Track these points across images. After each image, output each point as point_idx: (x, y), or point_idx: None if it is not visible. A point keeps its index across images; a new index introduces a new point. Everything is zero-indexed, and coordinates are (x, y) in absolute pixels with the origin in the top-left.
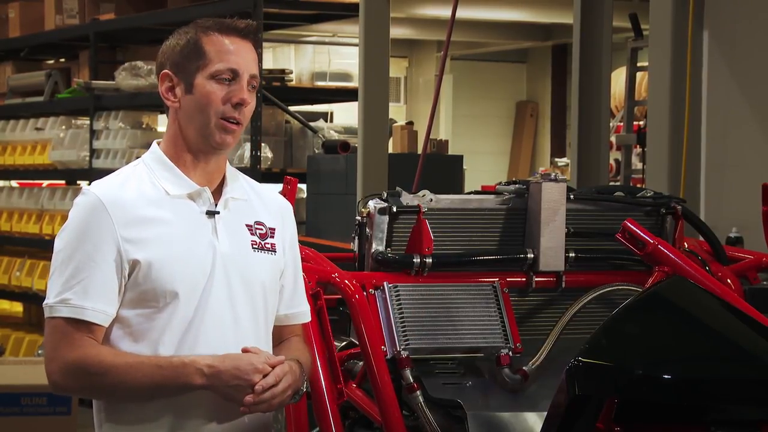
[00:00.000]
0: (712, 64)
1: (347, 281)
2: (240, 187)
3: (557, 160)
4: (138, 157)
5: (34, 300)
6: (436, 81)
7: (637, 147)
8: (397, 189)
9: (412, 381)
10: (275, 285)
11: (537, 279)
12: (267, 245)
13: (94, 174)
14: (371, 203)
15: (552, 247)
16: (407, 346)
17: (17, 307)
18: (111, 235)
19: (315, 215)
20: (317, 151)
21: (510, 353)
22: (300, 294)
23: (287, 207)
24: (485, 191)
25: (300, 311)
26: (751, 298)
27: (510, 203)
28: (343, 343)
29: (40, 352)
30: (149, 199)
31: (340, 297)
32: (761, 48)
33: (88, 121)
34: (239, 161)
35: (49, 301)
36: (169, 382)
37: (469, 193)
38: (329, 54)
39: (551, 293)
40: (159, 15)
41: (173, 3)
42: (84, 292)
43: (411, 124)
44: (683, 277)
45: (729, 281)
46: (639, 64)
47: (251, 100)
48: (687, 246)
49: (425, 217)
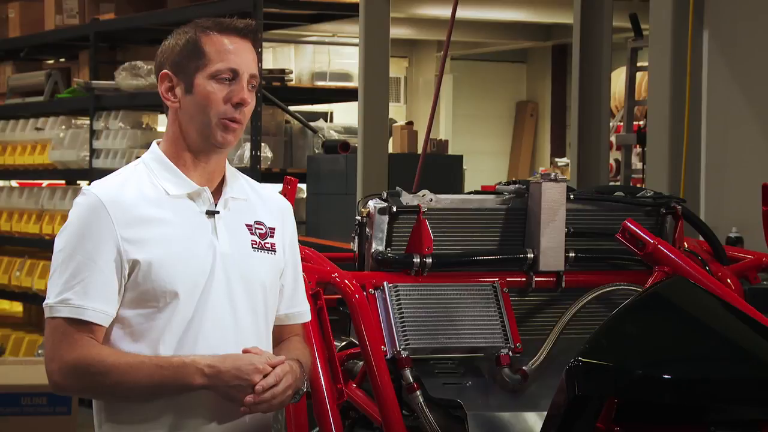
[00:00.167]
0: (712, 64)
1: (347, 281)
2: (240, 187)
3: (557, 160)
4: (138, 157)
5: (34, 300)
6: (436, 81)
7: (637, 147)
8: (397, 189)
9: (412, 381)
10: (275, 285)
11: (537, 279)
12: (267, 245)
13: (94, 174)
14: (371, 203)
15: (552, 247)
16: (407, 346)
17: (17, 307)
18: (111, 235)
19: (315, 215)
20: (317, 151)
21: (510, 353)
22: (300, 294)
23: (287, 207)
24: (485, 191)
25: (300, 311)
26: (751, 298)
27: (510, 203)
28: (343, 343)
29: (40, 352)
30: (149, 199)
31: (340, 297)
32: (761, 48)
33: (88, 121)
34: (239, 161)
35: (50, 301)
36: (170, 382)
37: (469, 193)
38: (329, 54)
39: (551, 293)
40: (159, 15)
41: (173, 3)
42: (84, 292)
43: (411, 124)
44: (683, 277)
45: (729, 281)
46: (639, 64)
47: (251, 99)
48: (687, 246)
49: (425, 217)
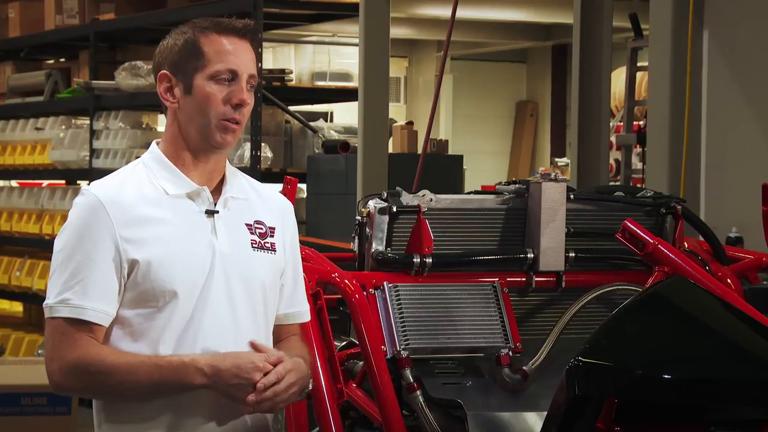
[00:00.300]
0: (712, 64)
1: (347, 281)
2: (240, 187)
3: (557, 160)
4: (138, 157)
5: (34, 300)
6: (436, 81)
7: (637, 147)
8: (397, 189)
9: (412, 381)
10: (275, 284)
11: (537, 279)
12: (267, 244)
13: (94, 174)
14: (371, 203)
15: (552, 247)
16: (407, 346)
17: (17, 307)
18: (110, 235)
19: (315, 215)
20: (317, 151)
21: (510, 353)
22: (300, 294)
23: (288, 206)
24: (485, 191)
25: (299, 311)
26: (751, 298)
27: (510, 203)
28: (343, 343)
29: (40, 352)
30: (148, 199)
31: (340, 297)
32: (761, 48)
33: (88, 121)
34: (239, 161)
35: (50, 301)
36: (169, 381)
37: (469, 193)
38: (329, 54)
39: (551, 293)
40: (159, 15)
41: (173, 3)
42: (84, 292)
43: (411, 124)
44: (683, 277)
45: (729, 281)
46: (639, 64)
47: (250, 99)
48: (687, 246)
49: (425, 217)
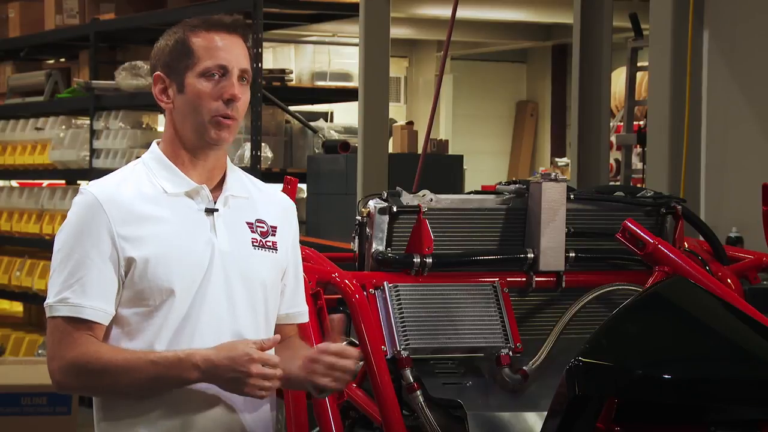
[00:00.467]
0: (712, 64)
1: (347, 281)
2: (241, 185)
3: (557, 160)
4: (138, 157)
5: (34, 300)
6: (436, 81)
7: (637, 147)
8: (397, 189)
9: (412, 381)
10: (276, 283)
11: (537, 279)
12: (268, 243)
13: (94, 174)
14: (371, 203)
15: (552, 247)
16: (407, 346)
17: (17, 307)
18: (108, 233)
19: (315, 215)
20: (317, 151)
21: (510, 353)
22: (300, 294)
23: (291, 206)
24: (485, 191)
25: (300, 311)
26: (751, 298)
27: (510, 203)
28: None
29: (40, 352)
30: (146, 198)
31: (340, 297)
32: (761, 48)
33: (88, 121)
34: (239, 161)
35: (49, 301)
36: (165, 377)
37: (469, 193)
38: (329, 54)
39: (551, 293)
40: (159, 15)
41: (173, 3)
42: (83, 290)
43: (411, 124)
44: (683, 277)
45: (729, 281)
46: (639, 64)
47: (243, 94)
48: (687, 246)
49: (425, 217)
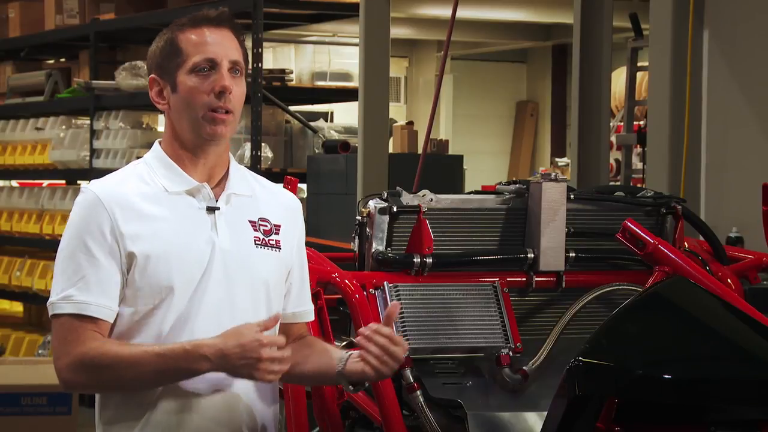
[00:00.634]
0: (712, 64)
1: (347, 281)
2: (244, 183)
3: (557, 160)
4: (139, 157)
5: (34, 300)
6: (436, 81)
7: (637, 147)
8: (398, 189)
9: (412, 381)
10: (280, 283)
11: (537, 279)
12: (271, 242)
13: (94, 174)
14: (371, 203)
15: (552, 247)
16: (407, 345)
17: (17, 307)
18: (110, 230)
19: (315, 215)
20: (317, 151)
21: (510, 353)
22: (306, 292)
23: (297, 205)
24: (485, 191)
25: (306, 309)
26: (752, 298)
27: (510, 203)
28: (344, 343)
29: (40, 351)
30: (147, 196)
31: (340, 297)
32: (761, 48)
33: (88, 121)
34: (239, 161)
35: (53, 299)
36: (173, 369)
37: (469, 193)
38: (329, 54)
39: (551, 293)
40: (159, 15)
41: (173, 3)
42: (87, 288)
43: (411, 124)
44: (683, 277)
45: (729, 281)
46: (639, 64)
47: (236, 85)
48: (687, 246)
49: (425, 217)
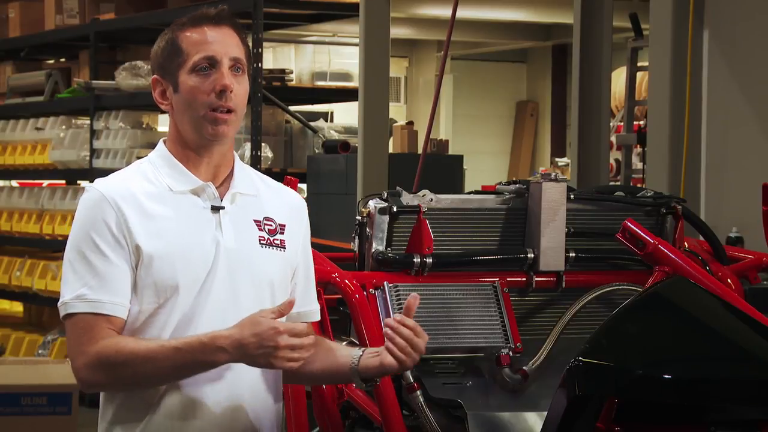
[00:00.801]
0: (712, 64)
1: (347, 281)
2: (249, 182)
3: (557, 160)
4: (139, 157)
5: (34, 300)
6: (436, 81)
7: (637, 147)
8: (398, 189)
9: (412, 381)
10: (285, 282)
11: (537, 279)
12: (276, 241)
13: (94, 174)
14: (371, 203)
15: (552, 247)
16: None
17: (17, 307)
18: (117, 227)
19: (315, 215)
20: (317, 151)
21: (510, 353)
22: (312, 292)
23: (302, 205)
24: (485, 191)
25: (312, 309)
26: (752, 298)
27: (510, 203)
28: (344, 343)
29: (40, 351)
30: (152, 195)
31: (340, 297)
32: (761, 48)
33: (88, 121)
34: None
35: (66, 299)
36: (191, 362)
37: (469, 193)
38: (329, 54)
39: (551, 293)
40: (159, 15)
41: (173, 3)
42: (99, 286)
43: (411, 124)
44: (683, 277)
45: (729, 281)
46: (639, 64)
47: (238, 83)
48: (687, 246)
49: (425, 217)
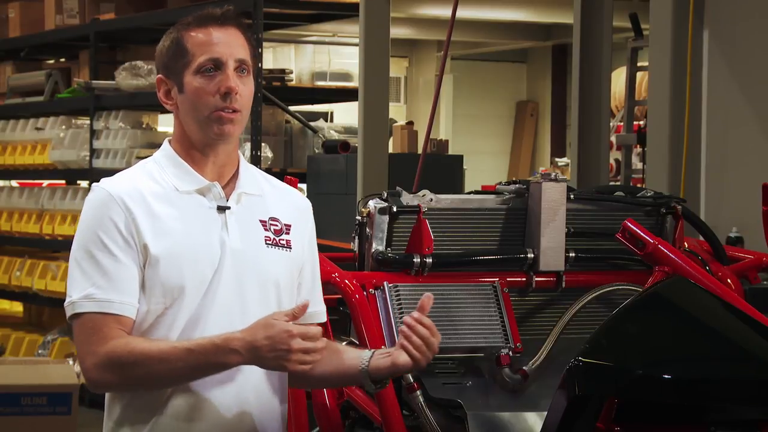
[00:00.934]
0: (712, 64)
1: (347, 281)
2: (254, 182)
3: (557, 160)
4: (139, 157)
5: (34, 300)
6: (436, 81)
7: (637, 147)
8: (397, 189)
9: (412, 381)
10: (291, 283)
11: (537, 279)
12: (282, 241)
13: (94, 174)
14: (371, 203)
15: (552, 247)
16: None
17: (17, 307)
18: (125, 225)
19: (315, 215)
20: (317, 151)
21: (510, 353)
22: (317, 293)
23: (307, 205)
24: (485, 191)
25: (317, 310)
26: (751, 298)
27: (510, 203)
28: (344, 343)
29: (40, 351)
30: (158, 195)
31: (340, 297)
32: (761, 48)
33: (88, 121)
34: None
35: (73, 298)
36: (204, 364)
37: (469, 193)
38: (329, 54)
39: (551, 293)
40: (159, 15)
41: (173, 3)
42: (107, 285)
43: (411, 124)
44: (683, 277)
45: (729, 281)
46: (639, 64)
47: (243, 84)
48: (687, 246)
49: (425, 217)
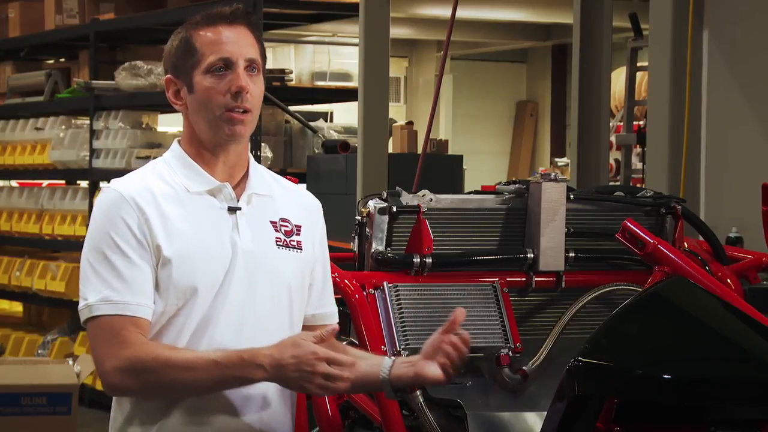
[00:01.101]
0: (712, 63)
1: (347, 281)
2: (264, 183)
3: (557, 160)
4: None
5: (34, 300)
6: (436, 81)
7: (637, 147)
8: (397, 189)
9: None
10: (302, 284)
11: (537, 279)
12: (292, 242)
13: (94, 174)
14: (371, 203)
15: (552, 247)
16: (407, 346)
17: (17, 307)
18: (137, 226)
19: None
20: (317, 151)
21: (510, 353)
22: (328, 294)
23: (317, 205)
24: (485, 191)
25: (328, 312)
26: (751, 298)
27: (510, 203)
28: (343, 343)
29: (40, 351)
30: (169, 197)
31: (340, 297)
32: (761, 48)
33: (88, 121)
34: None
35: (90, 301)
36: (230, 378)
37: (469, 193)
38: (329, 54)
39: (551, 293)
40: (159, 15)
41: (173, 3)
42: (123, 287)
43: (411, 124)
44: (683, 277)
45: (729, 281)
46: (639, 64)
47: (254, 83)
48: (687, 246)
49: (425, 217)
